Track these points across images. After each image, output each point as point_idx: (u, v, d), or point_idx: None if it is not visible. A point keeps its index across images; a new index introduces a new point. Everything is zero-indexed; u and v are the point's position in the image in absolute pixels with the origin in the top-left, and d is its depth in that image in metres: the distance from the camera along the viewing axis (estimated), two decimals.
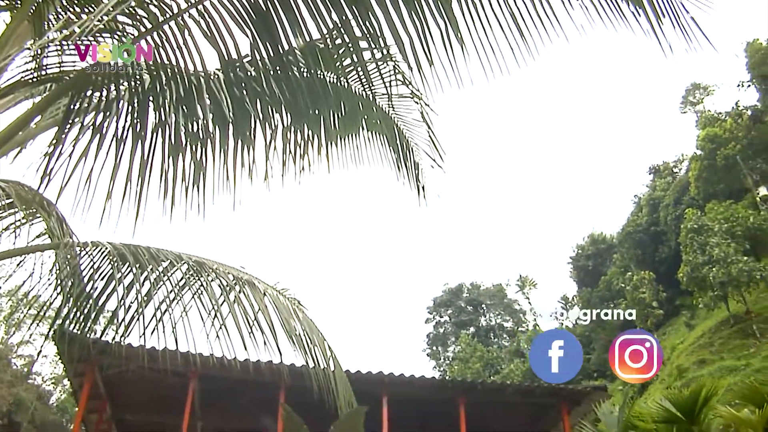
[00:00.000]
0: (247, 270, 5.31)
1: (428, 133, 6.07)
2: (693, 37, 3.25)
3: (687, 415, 9.42)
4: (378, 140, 6.05)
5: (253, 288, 5.04)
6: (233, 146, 4.87)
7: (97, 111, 4.42)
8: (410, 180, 6.22)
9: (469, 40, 3.59)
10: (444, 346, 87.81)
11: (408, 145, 6.17)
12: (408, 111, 6.03)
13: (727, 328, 41.55)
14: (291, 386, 11.82)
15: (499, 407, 15.32)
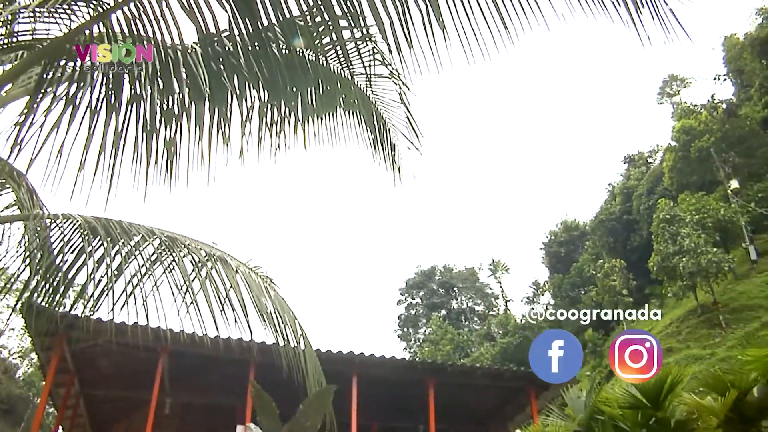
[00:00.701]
0: (219, 247, 5.28)
1: (406, 114, 6.05)
2: (671, 29, 3.26)
3: (652, 401, 9.55)
4: (355, 120, 6.01)
5: (225, 265, 5.01)
6: (209, 121, 4.82)
7: (70, 81, 4.34)
8: (386, 160, 6.19)
9: (450, 24, 3.57)
10: (415, 327, 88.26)
11: (385, 125, 6.14)
12: (386, 92, 6.00)
13: (694, 318, 42.16)
14: (261, 363, 11.82)
15: (468, 390, 15.44)
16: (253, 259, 5.53)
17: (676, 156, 54.99)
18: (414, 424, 15.71)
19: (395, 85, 5.90)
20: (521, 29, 3.52)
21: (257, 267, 5.53)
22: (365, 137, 6.09)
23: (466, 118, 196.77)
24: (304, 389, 5.72)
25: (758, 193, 46.46)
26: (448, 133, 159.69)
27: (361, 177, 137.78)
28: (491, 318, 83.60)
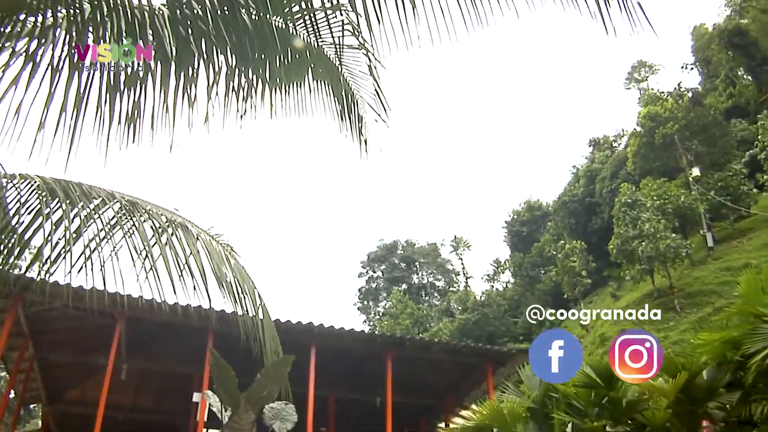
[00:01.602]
0: (180, 213, 5.21)
1: (374, 87, 6.00)
2: (638, 23, 3.27)
3: (606, 381, 9.71)
4: (323, 90, 5.95)
5: (185, 231, 4.95)
6: (174, 85, 4.73)
7: (31, 37, 4.22)
8: (353, 132, 6.14)
9: (420, 3, 3.56)
10: (375, 301, 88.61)
11: (353, 97, 6.09)
12: (356, 63, 5.94)
13: (650, 301, 42.88)
14: (219, 332, 11.77)
15: (426, 364, 15.56)
16: (215, 226, 5.48)
17: (641, 141, 55.59)
18: (371, 397, 15.81)
19: (365, 57, 5.85)
20: (491, 13, 3.51)
21: (218, 235, 5.48)
22: (333, 108, 6.03)
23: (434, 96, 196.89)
24: (261, 359, 5.71)
25: (718, 181, 47.23)
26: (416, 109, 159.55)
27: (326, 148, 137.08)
28: (451, 294, 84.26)
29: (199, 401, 12.33)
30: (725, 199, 46.10)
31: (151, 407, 17.68)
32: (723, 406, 8.66)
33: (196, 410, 12.93)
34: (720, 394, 8.58)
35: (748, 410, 8.28)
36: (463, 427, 11.97)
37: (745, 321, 8.29)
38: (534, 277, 70.37)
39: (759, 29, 58.08)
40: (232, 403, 7.47)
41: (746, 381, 7.99)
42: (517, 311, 70.37)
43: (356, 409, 17.41)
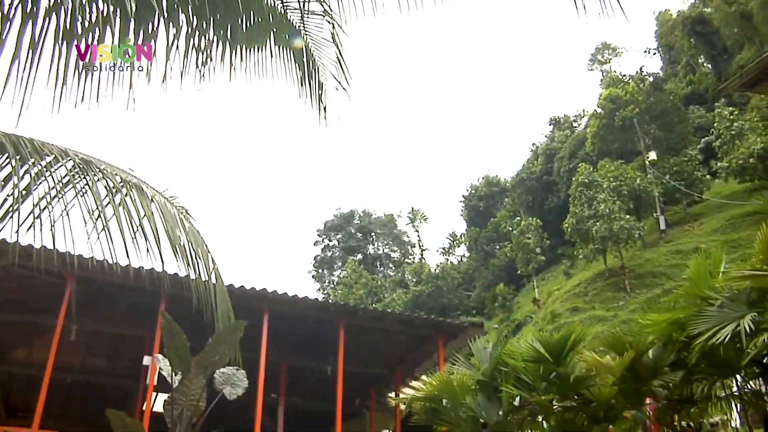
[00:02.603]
0: (136, 173, 5.11)
1: (337, 54, 5.92)
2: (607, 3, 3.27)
3: (555, 356, 9.88)
4: (284, 55, 5.85)
5: (140, 192, 4.85)
6: (132, 42, 4.61)
7: None
8: (313, 100, 6.06)
9: None
10: (330, 269, 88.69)
11: (315, 63, 6.00)
12: (319, 29, 5.85)
13: (601, 281, 43.71)
14: (171, 295, 11.65)
15: (378, 334, 15.62)
16: (170, 189, 5.39)
17: (601, 123, 56.18)
18: (323, 365, 15.86)
19: (329, 24, 5.77)
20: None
21: (173, 197, 5.39)
22: (293, 73, 5.93)
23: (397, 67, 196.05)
24: (213, 324, 5.67)
25: (674, 166, 48.03)
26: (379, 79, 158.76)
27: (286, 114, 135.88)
28: (406, 265, 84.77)
29: (150, 365, 12.25)
30: (679, 183, 46.94)
31: (101, 369, 17.48)
32: (666, 384, 8.88)
33: (146, 373, 12.83)
34: (664, 372, 8.79)
35: (689, 389, 8.51)
36: (413, 398, 12.09)
37: (692, 303, 8.48)
38: (489, 252, 71.05)
39: (721, 19, 58.87)
40: (182, 367, 7.40)
41: (689, 361, 8.19)
42: (470, 285, 71.15)
43: (307, 376, 17.45)
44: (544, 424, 10.75)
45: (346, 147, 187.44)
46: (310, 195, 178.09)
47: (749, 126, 41.22)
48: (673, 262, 39.86)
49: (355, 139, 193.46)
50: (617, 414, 10.01)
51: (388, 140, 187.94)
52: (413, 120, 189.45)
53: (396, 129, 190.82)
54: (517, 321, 51.41)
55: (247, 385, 8.44)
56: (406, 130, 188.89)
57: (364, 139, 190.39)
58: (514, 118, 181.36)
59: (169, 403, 7.38)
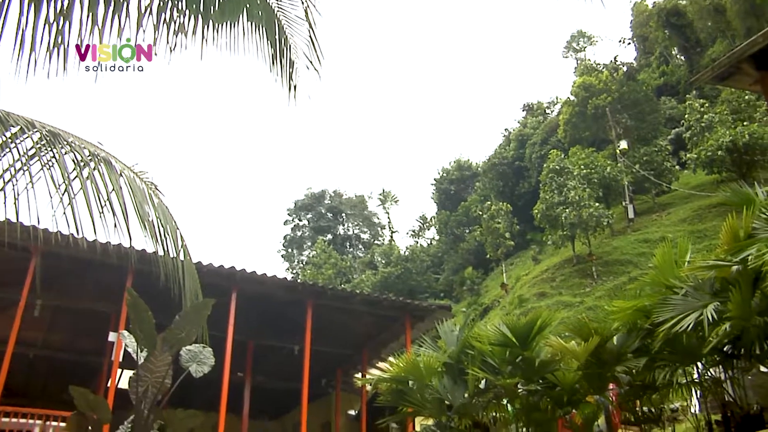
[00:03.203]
0: (104, 147, 5.02)
1: (309, 32, 5.85)
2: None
3: (521, 341, 9.97)
4: (257, 33, 5.77)
5: (109, 167, 4.77)
6: (102, 12, 4.51)
7: None
8: (283, 78, 5.99)
9: None
10: (300, 249, 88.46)
11: (287, 41, 5.93)
12: (292, 7, 5.78)
13: (569, 267, 44.13)
14: (139, 272, 11.52)
15: (346, 314, 15.60)
16: (139, 163, 5.31)
17: (573, 110, 56.47)
18: (290, 344, 15.84)
19: (302, 2, 5.70)
20: None
21: (143, 172, 5.31)
22: (265, 51, 5.85)
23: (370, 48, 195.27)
24: (181, 301, 5.62)
25: (644, 156, 48.50)
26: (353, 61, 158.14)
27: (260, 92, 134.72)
28: (376, 247, 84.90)
29: (115, 341, 12.12)
30: (649, 173, 47.43)
31: (65, 345, 17.26)
32: (629, 370, 9.01)
33: (112, 350, 12.71)
34: (628, 359, 8.91)
35: (652, 375, 8.64)
36: (379, 379, 12.15)
37: (657, 291, 8.59)
38: (459, 236, 71.34)
39: (696, 12, 59.41)
40: (148, 344, 7.34)
41: (653, 348, 8.30)
42: (439, 268, 71.47)
43: (274, 355, 17.42)
44: (508, 407, 10.86)
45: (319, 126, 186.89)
46: (281, 174, 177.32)
47: (719, 119, 41.71)
48: (640, 251, 40.34)
49: (329, 119, 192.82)
50: (581, 398, 10.14)
51: (361, 121, 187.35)
52: (387, 102, 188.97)
53: (369, 110, 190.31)
54: (484, 305, 51.73)
55: (213, 363, 8.39)
56: (379, 111, 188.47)
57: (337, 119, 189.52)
58: (488, 102, 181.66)
59: (135, 380, 7.32)
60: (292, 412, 19.08)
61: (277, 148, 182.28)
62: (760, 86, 12.96)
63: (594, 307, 33.33)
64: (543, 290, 42.47)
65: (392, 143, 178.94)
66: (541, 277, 45.36)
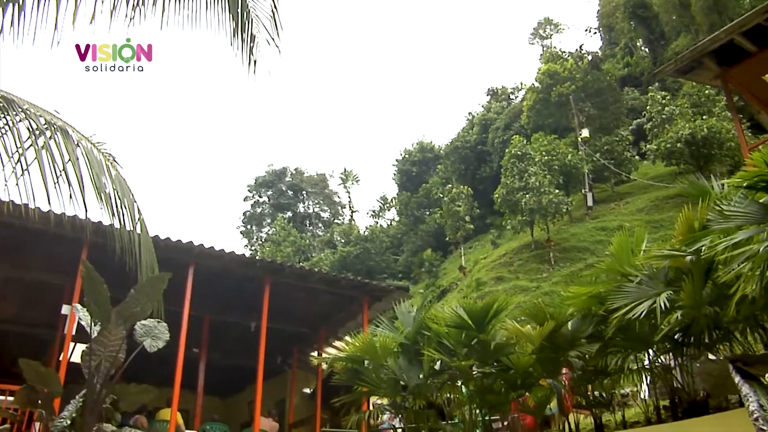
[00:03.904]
0: (61, 116, 4.90)
1: (272, 7, 5.75)
2: None
3: (477, 323, 10.06)
4: (219, 5, 5.64)
5: (65, 136, 4.65)
6: None
7: None
8: (244, 52, 5.87)
9: None
10: (259, 226, 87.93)
11: (249, 15, 5.82)
12: None
13: (527, 252, 44.55)
14: (94, 244, 11.30)
15: (304, 292, 15.53)
16: (97, 134, 5.18)
17: (537, 97, 56.79)
18: (246, 321, 15.74)
19: None
20: None
21: (100, 143, 5.19)
22: (227, 24, 5.73)
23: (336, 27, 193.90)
24: (136, 274, 5.53)
25: (605, 145, 49.06)
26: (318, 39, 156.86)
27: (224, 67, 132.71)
28: (336, 226, 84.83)
29: (68, 314, 11.92)
30: (609, 162, 48.01)
31: (16, 317, 16.90)
32: (583, 355, 9.14)
33: (65, 323, 12.50)
34: (581, 344, 9.04)
35: (604, 361, 8.78)
36: (335, 357, 12.17)
37: (613, 279, 8.71)
38: (419, 217, 71.58)
39: (661, 5, 60.01)
40: (102, 317, 7.23)
41: (606, 334, 8.43)
42: (399, 249, 71.67)
43: (231, 331, 17.31)
44: (463, 388, 10.96)
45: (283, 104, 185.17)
46: (242, 150, 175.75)
47: (679, 111, 42.32)
48: (597, 238, 40.89)
49: (292, 97, 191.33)
50: (534, 382, 10.28)
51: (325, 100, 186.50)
52: (351, 81, 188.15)
53: (334, 89, 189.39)
54: (442, 287, 52.06)
55: (168, 338, 8.32)
56: (343, 90, 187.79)
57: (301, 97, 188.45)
58: (453, 86, 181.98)
59: (87, 354, 7.23)
60: (247, 389, 19.03)
61: (239, 124, 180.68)
62: (720, 81, 13.20)
63: (550, 292, 33.69)
64: (501, 274, 42.84)
65: (356, 123, 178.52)
66: (499, 261, 45.72)
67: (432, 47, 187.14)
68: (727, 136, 37.54)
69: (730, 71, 12.64)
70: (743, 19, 11.89)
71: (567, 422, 10.14)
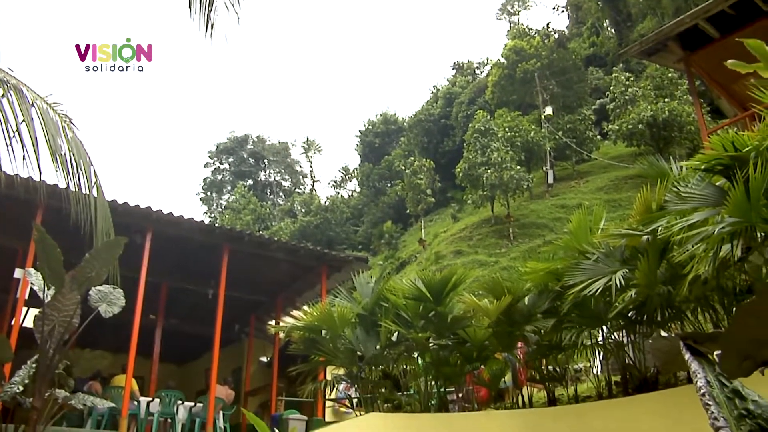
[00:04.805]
0: (15, 74, 4.75)
1: None
2: None
3: (435, 296, 10.12)
4: None
5: (19, 95, 4.52)
6: None
7: None
8: (201, 16, 5.71)
9: None
10: (219, 193, 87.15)
11: None
12: None
13: (487, 227, 44.88)
14: (49, 207, 11.10)
15: (262, 261, 15.47)
16: (53, 95, 5.04)
17: (503, 73, 56.87)
18: (204, 288, 15.65)
19: None
20: None
21: (57, 104, 5.05)
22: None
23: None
24: (92, 239, 5.43)
25: (567, 123, 49.42)
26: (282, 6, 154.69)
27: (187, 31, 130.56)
28: (296, 195, 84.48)
29: (21, 278, 11.72)
30: (571, 141, 48.41)
31: None
32: (538, 330, 9.25)
33: (17, 287, 12.28)
34: (537, 319, 9.14)
35: (559, 336, 8.88)
36: (292, 327, 12.15)
37: (570, 255, 8.80)
38: (380, 189, 71.58)
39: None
40: (55, 282, 7.09)
41: (562, 310, 8.53)
42: (359, 220, 71.72)
43: (188, 299, 17.21)
44: (419, 360, 11.04)
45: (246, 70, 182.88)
46: (203, 116, 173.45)
47: (642, 93, 42.72)
48: (556, 216, 41.32)
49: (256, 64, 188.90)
50: (489, 355, 10.39)
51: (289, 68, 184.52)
52: (316, 50, 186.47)
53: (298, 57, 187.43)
54: (401, 259, 52.27)
55: (124, 303, 8.22)
56: (308, 59, 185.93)
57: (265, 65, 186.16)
58: (418, 58, 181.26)
59: (40, 319, 7.10)
60: (203, 357, 18.96)
61: (201, 90, 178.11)
62: (683, 65, 13.36)
63: (508, 267, 34.03)
64: (460, 248, 43.11)
65: (320, 92, 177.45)
66: (459, 235, 46.00)
67: (399, 19, 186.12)
68: (688, 119, 38.00)
69: (694, 56, 12.79)
70: (708, 5, 12.02)
71: (521, 395, 10.27)
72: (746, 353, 2.64)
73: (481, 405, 11.22)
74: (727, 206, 5.42)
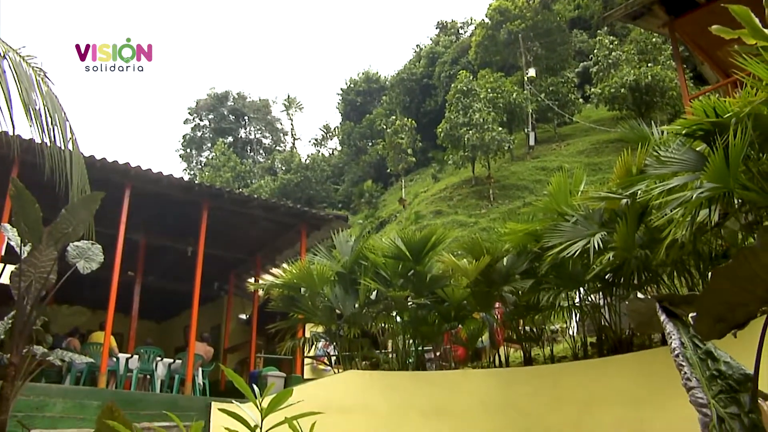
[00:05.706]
0: None
1: None
2: None
3: (414, 255, 10.19)
4: None
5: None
6: None
7: None
8: None
9: None
10: (199, 150, 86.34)
11: None
12: None
13: (467, 188, 44.96)
14: (24, 162, 10.93)
15: (242, 218, 15.39)
16: (27, 47, 4.92)
17: (486, 33, 56.46)
18: (183, 245, 15.58)
19: None
20: None
21: (30, 56, 4.93)
22: None
23: None
24: (68, 195, 5.36)
25: (550, 86, 49.31)
26: None
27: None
28: (277, 153, 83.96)
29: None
30: (553, 103, 48.37)
31: None
32: (516, 291, 9.36)
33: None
34: (515, 280, 9.25)
35: (536, 297, 9.00)
36: (271, 284, 12.21)
37: (549, 217, 8.87)
38: (361, 148, 71.34)
39: None
40: (32, 237, 7.01)
41: (540, 271, 8.63)
42: (339, 179, 71.59)
43: (167, 255, 17.12)
44: (397, 318, 11.14)
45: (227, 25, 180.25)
46: (183, 71, 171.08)
47: (626, 57, 42.65)
48: (537, 178, 41.44)
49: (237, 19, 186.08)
50: (467, 315, 10.52)
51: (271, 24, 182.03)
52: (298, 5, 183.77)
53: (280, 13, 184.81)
54: (381, 218, 52.31)
55: (102, 260, 8.15)
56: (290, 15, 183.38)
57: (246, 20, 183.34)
58: (401, 16, 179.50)
59: (17, 275, 7.03)
60: (182, 314, 18.97)
61: (181, 45, 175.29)
62: (667, 29, 13.32)
63: (488, 228, 34.19)
64: (440, 208, 43.20)
65: (301, 49, 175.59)
66: (439, 196, 46.07)
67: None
68: (670, 84, 38.07)
69: (678, 20, 12.75)
70: None
71: (497, 355, 10.43)
72: (720, 316, 2.69)
73: (459, 364, 11.37)
74: (706, 172, 5.47)
